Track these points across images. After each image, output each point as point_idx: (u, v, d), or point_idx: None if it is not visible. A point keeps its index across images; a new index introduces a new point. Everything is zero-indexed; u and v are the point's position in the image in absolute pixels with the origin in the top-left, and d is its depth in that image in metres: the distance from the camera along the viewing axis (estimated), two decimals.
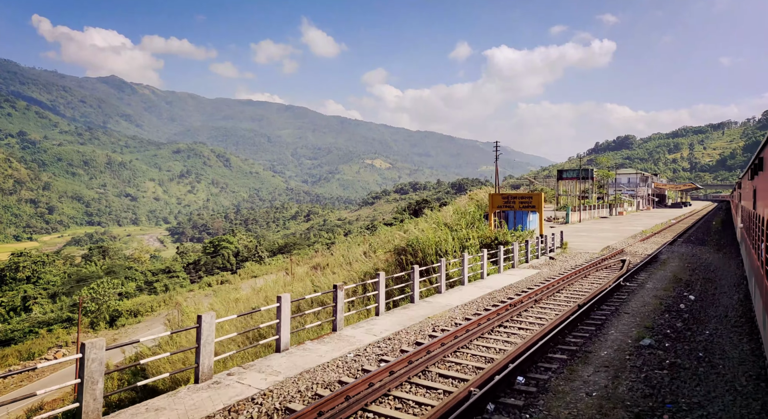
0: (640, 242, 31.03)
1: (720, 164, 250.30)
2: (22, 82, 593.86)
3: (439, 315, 12.13)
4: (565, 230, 39.82)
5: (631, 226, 45.52)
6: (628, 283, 16.25)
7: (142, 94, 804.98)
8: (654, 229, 41.61)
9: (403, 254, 20.17)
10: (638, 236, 35.58)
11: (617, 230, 40.79)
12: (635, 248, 26.94)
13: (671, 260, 22.57)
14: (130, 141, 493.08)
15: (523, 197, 26.68)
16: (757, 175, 11.54)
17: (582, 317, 11.53)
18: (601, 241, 30.87)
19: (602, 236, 34.15)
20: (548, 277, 17.69)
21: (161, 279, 59.91)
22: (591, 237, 33.67)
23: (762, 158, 10.02)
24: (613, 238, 33.11)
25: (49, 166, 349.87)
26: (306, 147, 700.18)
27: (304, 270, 37.72)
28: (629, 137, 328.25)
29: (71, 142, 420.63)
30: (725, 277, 18.21)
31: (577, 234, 35.80)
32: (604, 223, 49.81)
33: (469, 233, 22.19)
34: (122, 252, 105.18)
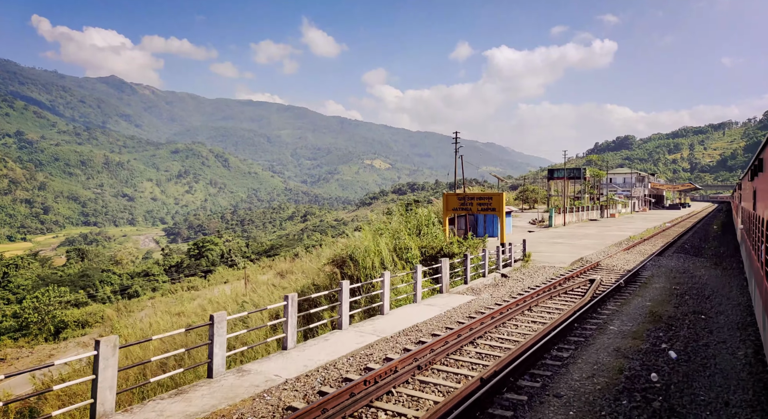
0: (623, 251, 27.46)
1: (720, 165, 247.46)
2: (21, 82, 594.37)
3: None
4: (543, 235, 36.93)
5: (620, 230, 42.24)
6: (586, 322, 11.77)
7: (141, 95, 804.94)
8: (644, 234, 38.66)
9: (344, 267, 17.26)
10: (624, 243, 32.15)
11: (602, 235, 37.37)
12: (614, 261, 23.32)
13: (655, 279, 18.42)
14: (129, 141, 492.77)
15: (482, 197, 23.34)
16: (757, 176, 11.51)
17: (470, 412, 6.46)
18: (578, 250, 27.27)
19: (581, 244, 30.63)
20: (478, 310, 13.33)
21: (137, 283, 57.57)
22: (567, 245, 30.14)
23: (762, 159, 9.95)
24: (593, 246, 29.61)
25: (46, 166, 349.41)
26: (305, 147, 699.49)
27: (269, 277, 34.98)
28: (629, 138, 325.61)
29: (69, 142, 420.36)
30: (725, 310, 13.23)
31: (552, 241, 32.51)
32: (591, 227, 46.69)
33: (409, 242, 18.66)
34: (105, 254, 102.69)
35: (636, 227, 47.31)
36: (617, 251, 26.75)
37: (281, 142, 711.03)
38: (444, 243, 19.14)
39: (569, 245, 30.36)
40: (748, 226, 15.07)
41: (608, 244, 31.01)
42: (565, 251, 26.85)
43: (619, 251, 27.07)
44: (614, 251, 27.16)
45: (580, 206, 56.62)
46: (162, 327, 20.38)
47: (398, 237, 18.24)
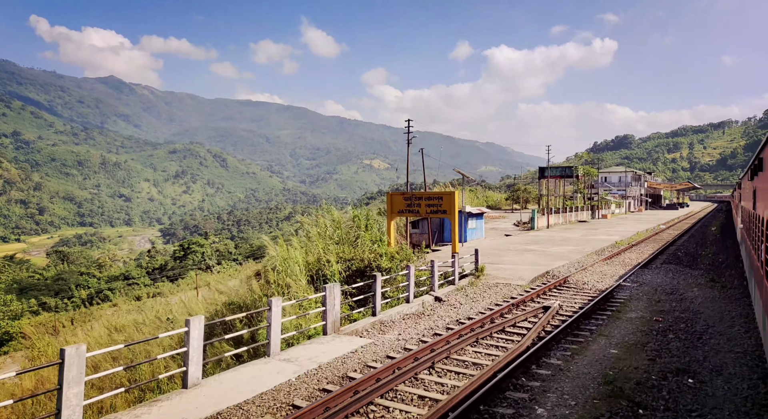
0: (602, 262, 23.57)
1: (720, 164, 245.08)
2: (19, 82, 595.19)
3: None
4: (518, 239, 33.97)
5: (607, 234, 38.63)
6: (500, 400, 7.41)
7: (140, 95, 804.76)
8: (634, 239, 35.48)
9: (269, 282, 14.63)
10: (607, 250, 28.52)
11: (584, 240, 33.69)
12: (587, 276, 19.29)
13: (632, 304, 14.25)
14: (126, 141, 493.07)
15: (431, 197, 20.37)
16: (756, 175, 11.40)
17: None
18: (548, 261, 23.26)
19: (555, 253, 26.76)
20: (348, 372, 8.86)
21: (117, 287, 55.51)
22: (539, 253, 26.27)
23: (762, 159, 9.94)
24: (568, 255, 25.75)
25: (42, 166, 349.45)
26: (305, 147, 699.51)
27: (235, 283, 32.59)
28: (628, 137, 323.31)
29: (66, 142, 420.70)
30: (725, 365, 9.06)
31: (524, 248, 29.03)
32: (576, 230, 43.58)
33: (330, 254, 15.34)
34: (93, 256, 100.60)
35: (626, 229, 44.02)
36: (595, 262, 23.04)
37: (280, 142, 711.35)
38: (370, 257, 15.73)
39: (541, 253, 26.74)
40: (748, 225, 15.10)
41: (588, 252, 27.37)
42: (532, 262, 22.95)
43: (597, 261, 23.39)
44: (592, 261, 23.54)
45: (570, 207, 53.89)
46: (120, 336, 17.88)
47: (324, 248, 15.47)
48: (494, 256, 24.76)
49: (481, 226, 35.14)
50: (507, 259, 23.92)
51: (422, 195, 20.98)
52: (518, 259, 23.87)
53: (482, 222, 35.50)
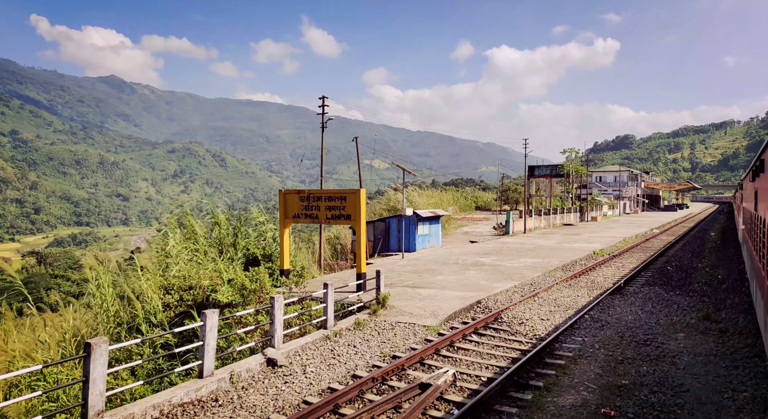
0: (564, 282, 19.08)
1: (722, 164, 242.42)
2: (19, 81, 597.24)
3: None
4: (481, 247, 30.63)
5: (587, 241, 34.28)
6: None
7: (141, 94, 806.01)
8: (618, 247, 31.76)
9: None
10: (578, 264, 24.00)
11: (557, 249, 29.69)
12: (532, 309, 14.43)
13: (576, 372, 9.67)
14: (125, 141, 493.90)
15: (332, 197, 16.26)
16: (758, 177, 11.47)
17: None
18: (492, 281, 18.66)
19: (509, 268, 21.92)
20: None
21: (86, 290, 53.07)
22: (486, 270, 21.35)
23: (763, 160, 10.01)
24: (526, 271, 21.26)
25: (40, 165, 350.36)
26: (305, 147, 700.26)
27: None
28: (629, 137, 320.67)
29: (64, 141, 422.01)
30: None
31: (476, 260, 24.45)
32: (555, 235, 39.98)
33: (147, 281, 11.56)
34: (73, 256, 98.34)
35: (613, 235, 39.98)
36: (554, 283, 18.49)
37: (280, 142, 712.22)
38: (210, 286, 11.91)
39: (491, 269, 21.73)
40: (750, 226, 14.96)
41: (552, 266, 22.59)
42: (471, 284, 18.17)
43: (558, 281, 18.85)
44: (551, 281, 19.10)
45: (557, 209, 51.16)
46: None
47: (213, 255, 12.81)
48: (427, 274, 20.42)
49: (436, 232, 31.18)
50: (439, 279, 19.13)
51: (321, 194, 16.66)
52: (454, 279, 19.21)
53: (438, 227, 31.56)
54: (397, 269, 21.76)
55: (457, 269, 21.96)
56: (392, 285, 17.74)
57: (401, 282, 18.53)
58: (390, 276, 19.57)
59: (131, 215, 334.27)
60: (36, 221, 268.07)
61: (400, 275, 20.06)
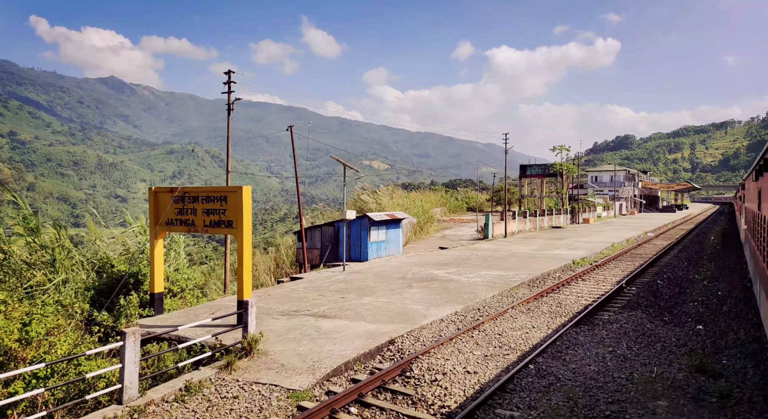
0: (523, 305, 15.72)
1: (723, 165, 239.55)
2: (19, 82, 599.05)
3: None
4: (446, 256, 27.02)
5: (571, 247, 30.96)
6: None
7: (141, 95, 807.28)
8: (605, 253, 28.79)
9: None
10: (550, 277, 20.98)
11: (532, 258, 26.29)
12: (463, 352, 11.19)
13: None
14: (124, 142, 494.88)
15: (210, 197, 12.84)
16: (762, 176, 11.35)
17: None
18: (431, 304, 15.33)
19: (464, 285, 18.64)
20: None
21: None
22: (433, 288, 18.04)
23: (767, 159, 10.15)
24: (482, 289, 17.91)
25: (38, 166, 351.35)
26: (304, 148, 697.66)
27: None
28: (629, 137, 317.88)
29: (63, 142, 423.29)
30: None
31: (429, 273, 21.27)
32: (537, 240, 36.66)
33: None
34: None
35: (602, 239, 36.53)
36: (510, 306, 15.10)
37: (280, 142, 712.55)
38: None
39: (439, 286, 18.30)
40: (753, 226, 14.93)
41: (518, 281, 19.34)
42: (396, 311, 14.52)
43: (516, 303, 15.54)
44: (507, 303, 15.91)
45: (544, 210, 48.22)
46: None
47: None
48: (354, 295, 17.03)
49: (395, 238, 27.76)
50: (363, 304, 15.45)
51: (197, 193, 13.10)
52: (383, 303, 15.60)
53: (398, 233, 28.16)
54: (324, 288, 18.55)
55: (399, 286, 18.55)
56: (293, 314, 14.20)
57: (310, 309, 14.86)
58: (306, 298, 16.43)
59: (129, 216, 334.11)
60: None
61: (319, 297, 16.66)
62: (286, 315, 14.18)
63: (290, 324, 13.20)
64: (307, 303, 15.71)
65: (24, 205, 18.02)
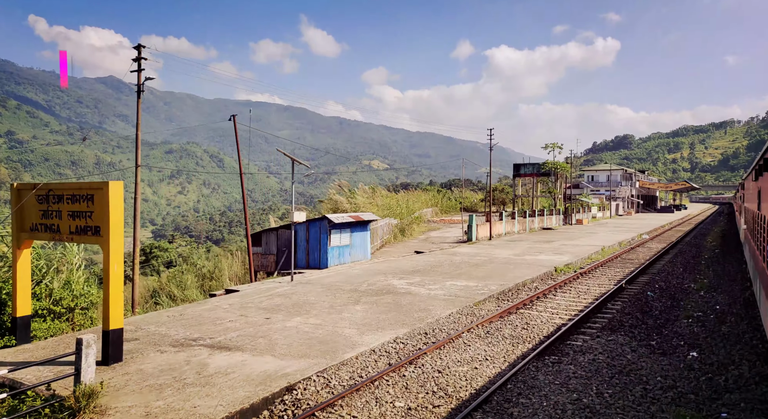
0: (481, 327, 13.19)
1: (722, 164, 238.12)
2: (17, 82, 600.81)
3: None
4: (416, 262, 24.46)
5: (557, 252, 28.64)
6: None
7: None
8: (590, 259, 26.49)
9: None
10: (527, 288, 18.61)
11: (511, 265, 23.62)
12: (372, 412, 8.04)
13: None
14: (123, 141, 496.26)
15: (75, 195, 10.29)
16: (762, 175, 11.34)
17: None
18: (376, 325, 12.90)
19: (424, 298, 16.15)
20: None
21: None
22: (381, 306, 15.19)
23: (767, 159, 10.13)
24: (444, 302, 15.48)
25: (35, 166, 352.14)
26: (304, 148, 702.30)
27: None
28: (628, 137, 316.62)
29: (61, 142, 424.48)
30: None
31: (387, 284, 18.64)
32: (522, 243, 34.17)
33: None
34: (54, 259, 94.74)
35: (593, 242, 33.96)
36: (466, 328, 12.69)
37: (279, 142, 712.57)
38: None
39: (391, 302, 15.76)
40: (752, 226, 14.98)
41: (488, 293, 16.85)
42: (320, 338, 11.79)
43: (475, 324, 13.10)
44: (465, 324, 13.47)
45: (534, 211, 46.08)
46: None
47: None
48: (283, 314, 14.24)
49: (362, 242, 25.38)
50: (288, 327, 12.81)
51: (64, 193, 10.67)
52: (311, 326, 12.89)
53: (366, 236, 25.80)
54: (253, 305, 15.52)
55: (344, 301, 15.73)
56: (188, 344, 11.21)
57: (214, 336, 11.90)
58: (221, 320, 13.54)
59: (127, 216, 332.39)
60: None
61: (240, 318, 13.78)
62: (178, 346, 11.19)
63: (172, 361, 10.15)
64: (217, 328, 12.88)
65: None
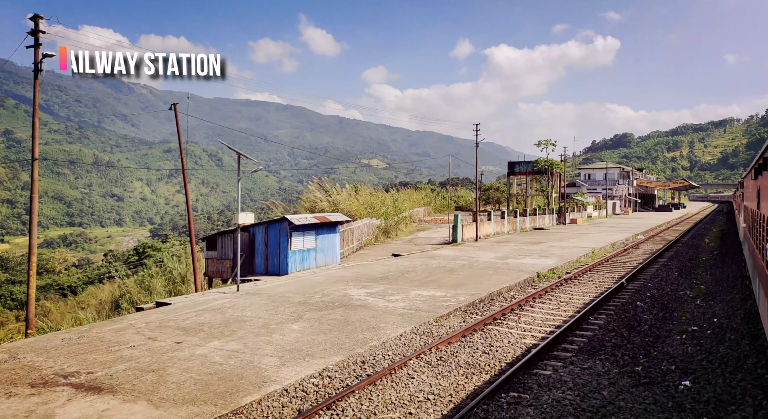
0: (435, 351, 10.80)
1: (722, 163, 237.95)
2: (16, 81, 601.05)
3: None
4: (393, 266, 22.60)
5: (542, 255, 26.50)
6: None
7: (139, 94, 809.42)
8: (579, 263, 24.84)
9: None
10: (502, 297, 16.57)
11: (490, 270, 21.57)
12: None
13: None
14: (121, 140, 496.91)
15: None
16: (761, 174, 11.37)
17: None
18: (300, 355, 10.15)
19: (380, 313, 13.74)
20: None
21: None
22: (325, 325, 12.61)
23: (766, 158, 10.00)
24: (400, 319, 13.09)
25: None
26: (303, 147, 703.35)
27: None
28: (627, 136, 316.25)
29: (59, 141, 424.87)
30: None
31: (349, 293, 16.67)
32: (510, 244, 32.45)
33: None
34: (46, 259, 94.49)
35: (583, 244, 32.10)
36: (417, 352, 10.36)
37: (278, 141, 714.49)
38: None
39: (339, 318, 13.26)
40: (752, 225, 15.08)
41: (456, 304, 14.80)
42: (233, 369, 9.35)
43: (430, 346, 10.84)
44: (417, 346, 11.18)
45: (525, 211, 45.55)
46: None
47: None
48: (206, 335, 11.74)
49: (330, 245, 23.35)
50: (197, 355, 10.22)
51: None
52: (225, 353, 10.35)
53: (334, 238, 23.65)
54: (174, 324, 12.92)
55: (283, 318, 13.17)
56: (56, 382, 8.77)
57: (94, 370, 9.37)
58: (121, 345, 11.04)
59: (125, 215, 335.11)
60: (27, 222, 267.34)
61: (146, 342, 11.22)
62: (39, 385, 8.61)
63: (12, 411, 7.56)
64: (108, 357, 10.19)
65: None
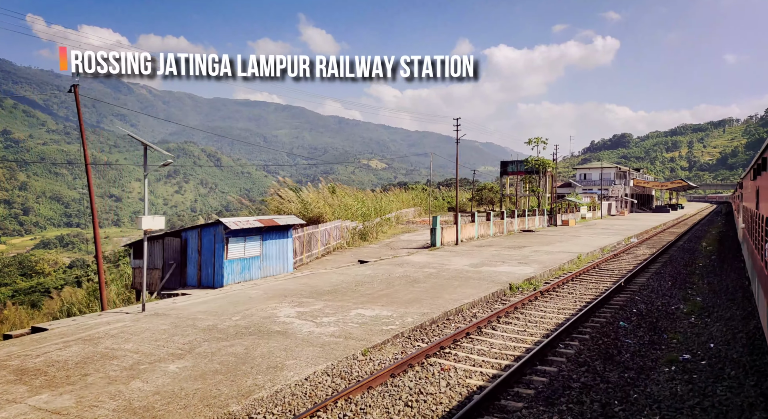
0: (337, 409, 7.54)
1: (721, 163, 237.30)
2: (15, 81, 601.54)
3: None
4: (351, 276, 19.87)
5: (521, 262, 23.71)
6: None
7: (138, 94, 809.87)
8: (562, 270, 22.55)
9: None
10: (461, 316, 13.95)
11: (458, 280, 18.97)
12: None
13: None
14: (120, 141, 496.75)
15: None
16: (760, 175, 11.38)
17: None
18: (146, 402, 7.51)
19: (291, 344, 10.58)
20: None
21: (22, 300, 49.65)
22: (212, 363, 9.40)
23: (766, 158, 9.92)
24: (320, 352, 10.03)
25: (31, 165, 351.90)
26: (302, 147, 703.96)
27: None
28: (626, 136, 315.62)
29: (57, 141, 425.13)
30: None
31: (275, 313, 13.61)
32: (491, 248, 30.17)
33: None
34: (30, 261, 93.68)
35: (570, 248, 29.70)
36: (315, 410, 7.37)
37: (278, 141, 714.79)
38: None
39: (238, 352, 10.12)
40: (750, 225, 15.12)
41: (401, 328, 12.01)
42: None
43: (334, 398, 7.78)
44: (320, 398, 8.10)
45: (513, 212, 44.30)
46: None
47: None
48: (43, 382, 8.40)
49: (281, 251, 21.05)
50: (8, 417, 7.21)
51: None
52: None
53: (285, 244, 21.28)
54: (29, 358, 9.90)
55: (167, 353, 10.08)
56: None
57: None
58: None
59: (123, 215, 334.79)
60: (24, 223, 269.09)
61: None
62: None
63: None
64: None
65: None
